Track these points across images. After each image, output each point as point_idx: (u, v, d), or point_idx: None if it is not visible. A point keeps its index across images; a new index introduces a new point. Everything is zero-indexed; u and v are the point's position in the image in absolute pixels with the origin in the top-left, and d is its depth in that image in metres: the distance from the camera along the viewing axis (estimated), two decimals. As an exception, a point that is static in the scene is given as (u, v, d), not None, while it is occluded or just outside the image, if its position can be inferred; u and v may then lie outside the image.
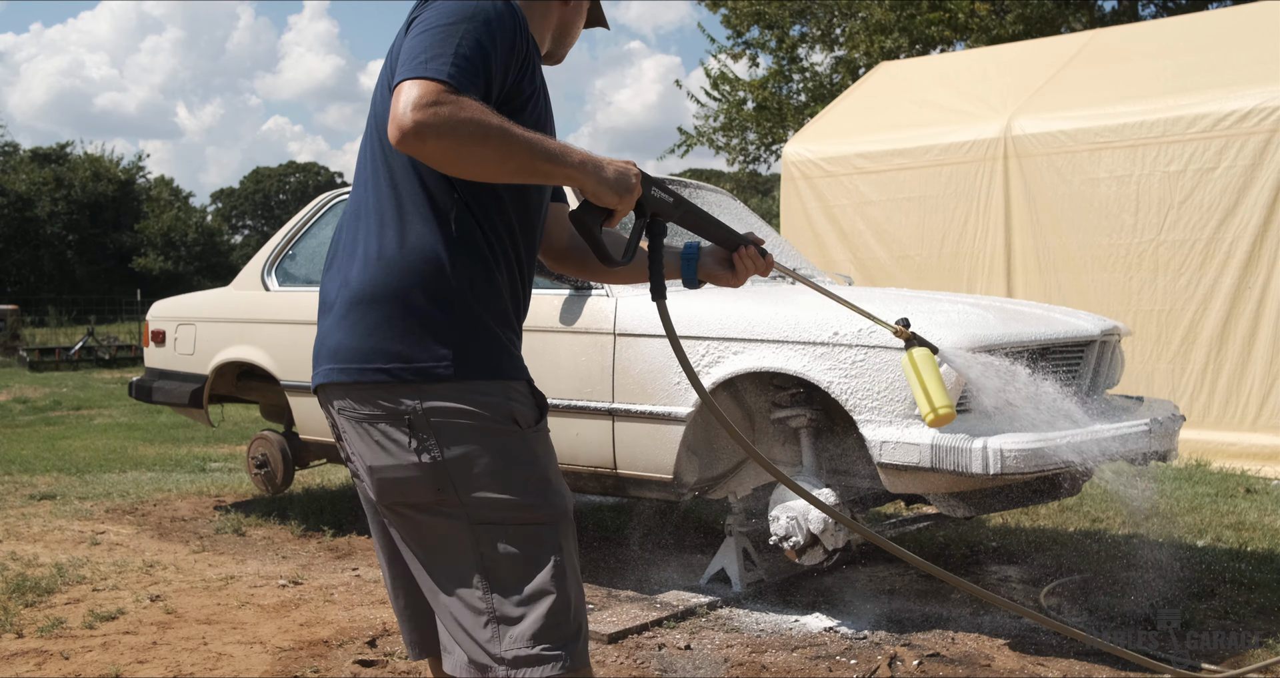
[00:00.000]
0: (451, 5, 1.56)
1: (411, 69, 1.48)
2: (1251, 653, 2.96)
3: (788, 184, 7.96)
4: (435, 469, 1.54)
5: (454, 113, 1.46)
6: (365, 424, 1.58)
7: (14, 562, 4.06)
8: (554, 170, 1.58)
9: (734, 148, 16.88)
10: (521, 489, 1.58)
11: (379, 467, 1.57)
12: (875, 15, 14.42)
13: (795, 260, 4.35)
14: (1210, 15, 8.96)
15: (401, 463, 1.55)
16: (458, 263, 1.59)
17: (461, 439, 1.55)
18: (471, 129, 1.47)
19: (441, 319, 1.57)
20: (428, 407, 1.54)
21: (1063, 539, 4.27)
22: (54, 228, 39.62)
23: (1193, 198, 6.16)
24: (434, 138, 1.46)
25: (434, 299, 1.57)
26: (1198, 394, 6.16)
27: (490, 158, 1.51)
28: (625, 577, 3.86)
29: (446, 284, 1.58)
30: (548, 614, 1.54)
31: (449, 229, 1.60)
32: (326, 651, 3.07)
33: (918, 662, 2.93)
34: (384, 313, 1.57)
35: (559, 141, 1.61)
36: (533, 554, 1.57)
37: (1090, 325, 3.40)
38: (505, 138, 1.50)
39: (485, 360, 1.59)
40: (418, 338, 1.56)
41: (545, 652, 1.54)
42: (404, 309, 1.56)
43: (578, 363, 3.54)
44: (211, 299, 5.08)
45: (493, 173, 1.53)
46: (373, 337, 1.57)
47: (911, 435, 2.92)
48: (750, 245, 1.89)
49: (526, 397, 1.63)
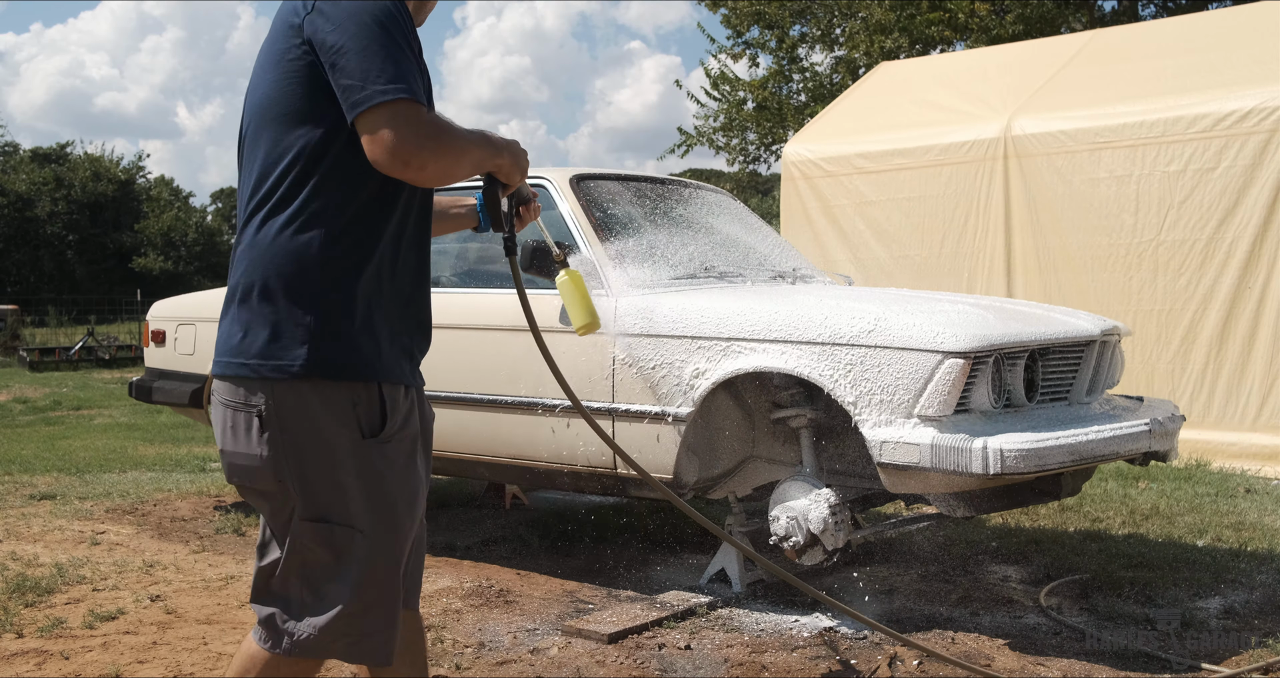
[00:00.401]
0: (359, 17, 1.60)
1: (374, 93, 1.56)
2: (1251, 653, 2.96)
3: (788, 184, 7.97)
4: (275, 461, 1.65)
5: (437, 131, 1.58)
6: (226, 409, 1.70)
7: (14, 562, 4.06)
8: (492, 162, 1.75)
9: (734, 148, 16.88)
10: (347, 496, 1.66)
11: (229, 451, 1.70)
12: (875, 15, 14.42)
13: (795, 260, 4.35)
14: (1210, 15, 8.96)
15: (248, 452, 1.66)
16: (328, 261, 1.65)
17: (301, 437, 1.64)
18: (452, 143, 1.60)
19: (304, 318, 1.64)
20: (276, 402, 1.64)
21: (1063, 539, 4.27)
22: (54, 228, 39.60)
23: (1193, 198, 6.16)
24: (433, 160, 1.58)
25: (299, 297, 1.64)
26: (1198, 394, 6.16)
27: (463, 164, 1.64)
28: (625, 577, 3.86)
29: (313, 283, 1.64)
30: (338, 617, 1.67)
31: (324, 225, 1.65)
32: (326, 651, 3.07)
33: (918, 662, 2.93)
34: (249, 308, 1.66)
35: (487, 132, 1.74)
36: (343, 559, 1.67)
37: (1090, 325, 3.40)
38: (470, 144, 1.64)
39: (339, 363, 1.65)
40: (272, 332, 1.64)
41: (328, 643, 1.68)
42: (269, 306, 1.65)
43: (578, 363, 3.54)
44: (211, 299, 5.08)
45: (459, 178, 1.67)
46: (238, 331, 1.67)
47: (911, 435, 2.92)
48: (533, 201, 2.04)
49: (373, 401, 1.68)
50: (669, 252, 3.81)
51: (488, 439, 3.82)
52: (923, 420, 2.94)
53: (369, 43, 1.59)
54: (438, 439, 4.04)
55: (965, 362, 2.91)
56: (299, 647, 1.69)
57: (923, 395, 2.93)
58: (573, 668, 2.92)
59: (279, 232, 1.65)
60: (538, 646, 3.11)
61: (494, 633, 3.23)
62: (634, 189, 4.15)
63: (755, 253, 4.20)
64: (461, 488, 5.45)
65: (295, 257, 1.64)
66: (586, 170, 4.08)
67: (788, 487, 3.27)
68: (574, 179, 3.95)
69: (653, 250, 3.78)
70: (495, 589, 3.70)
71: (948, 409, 2.93)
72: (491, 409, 3.75)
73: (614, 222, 3.86)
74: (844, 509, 3.18)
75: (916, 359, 2.95)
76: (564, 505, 5.17)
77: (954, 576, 3.84)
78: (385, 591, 1.70)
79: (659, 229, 3.95)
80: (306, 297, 1.64)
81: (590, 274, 3.64)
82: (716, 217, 4.32)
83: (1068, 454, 2.88)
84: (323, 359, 1.64)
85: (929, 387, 2.93)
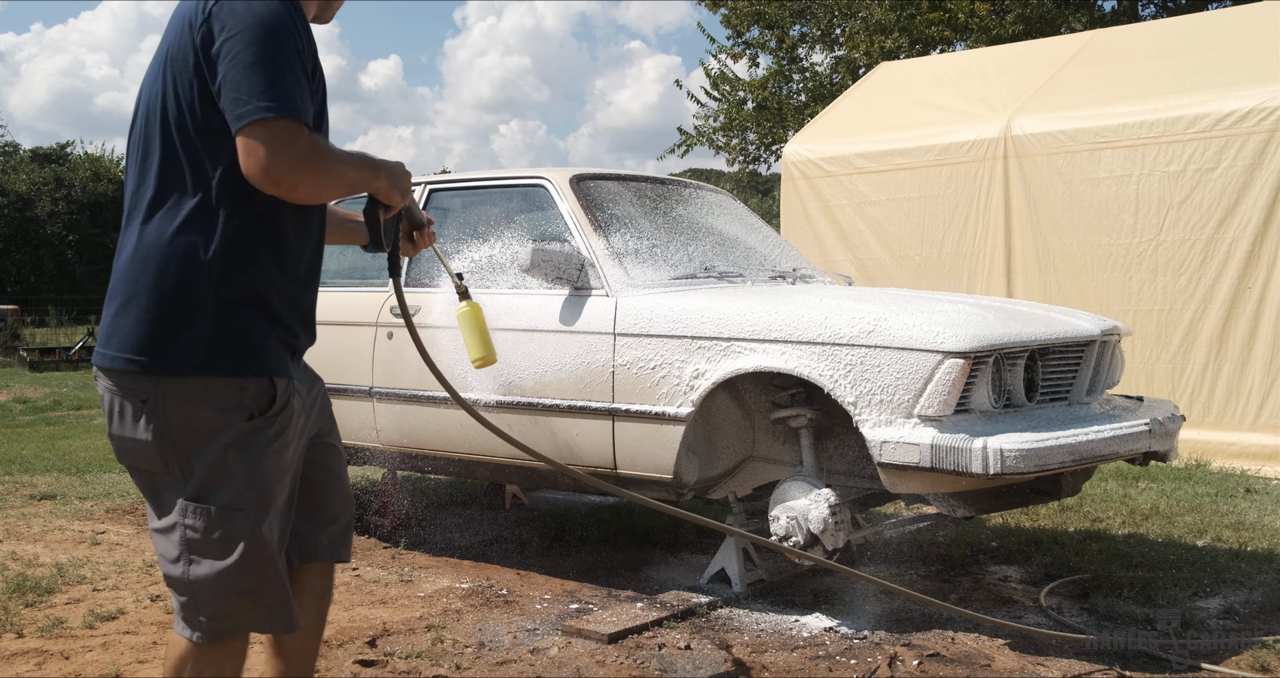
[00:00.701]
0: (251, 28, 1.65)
1: (257, 108, 1.61)
2: (1251, 653, 2.96)
3: (788, 184, 7.96)
4: (160, 445, 1.74)
5: (311, 153, 1.64)
6: (114, 396, 1.78)
7: (14, 562, 4.06)
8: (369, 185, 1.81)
9: (734, 148, 16.88)
10: (232, 477, 1.75)
11: (116, 435, 1.79)
12: (875, 15, 14.41)
13: (795, 260, 4.35)
14: (1210, 15, 8.95)
15: (135, 436, 1.76)
16: (216, 263, 1.72)
17: (186, 424, 1.74)
18: (326, 165, 1.67)
19: (191, 314, 1.72)
20: (162, 392, 1.73)
21: (1063, 539, 4.27)
22: (54, 228, 39.58)
23: (1192, 198, 6.16)
24: (305, 180, 1.65)
25: (185, 294, 1.71)
26: (1198, 394, 6.15)
27: (336, 186, 1.71)
28: (625, 577, 3.86)
29: (201, 283, 1.72)
30: (227, 593, 1.76)
31: (213, 227, 1.72)
32: (326, 650, 3.07)
33: (918, 662, 2.93)
34: (137, 304, 1.73)
35: (367, 156, 1.82)
36: (228, 536, 1.76)
37: (1090, 325, 3.40)
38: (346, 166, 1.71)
39: (222, 356, 1.74)
40: (164, 331, 1.72)
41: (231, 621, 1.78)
42: (155, 302, 1.72)
43: (578, 363, 3.54)
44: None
45: (331, 198, 1.74)
46: (124, 326, 1.74)
47: (911, 435, 2.92)
48: (427, 227, 2.17)
49: (263, 392, 1.78)
50: (669, 252, 3.81)
51: (488, 439, 3.82)
52: (923, 420, 2.94)
53: (258, 57, 1.63)
54: (439, 439, 4.07)
55: (965, 362, 2.91)
56: (208, 632, 1.78)
57: (923, 395, 2.93)
58: (573, 668, 2.92)
59: (168, 232, 1.72)
60: (538, 646, 3.11)
61: (494, 633, 3.23)
62: (634, 189, 4.15)
63: (755, 253, 4.20)
64: (463, 488, 5.45)
65: (184, 257, 1.71)
66: (586, 170, 4.08)
67: (788, 487, 3.27)
68: (574, 179, 3.95)
69: (653, 250, 3.78)
70: (495, 589, 3.70)
71: (948, 409, 2.93)
72: (494, 410, 3.75)
73: (614, 222, 3.86)
74: (844, 509, 3.18)
75: (916, 359, 2.95)
76: (564, 506, 5.17)
77: (954, 576, 3.84)
78: (269, 564, 1.80)
79: (659, 229, 3.95)
80: (194, 296, 1.72)
81: (590, 274, 3.64)
82: (716, 217, 4.32)
83: (1068, 454, 2.89)
84: (208, 357, 1.73)
85: (929, 387, 2.93)
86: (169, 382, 1.73)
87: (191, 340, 1.72)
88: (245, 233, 1.74)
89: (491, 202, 4.32)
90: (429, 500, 5.16)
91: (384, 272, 4.33)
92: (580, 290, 3.64)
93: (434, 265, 4.16)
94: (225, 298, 1.73)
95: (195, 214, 1.72)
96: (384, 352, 4.10)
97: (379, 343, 4.12)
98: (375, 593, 3.67)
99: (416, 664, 2.95)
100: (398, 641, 3.16)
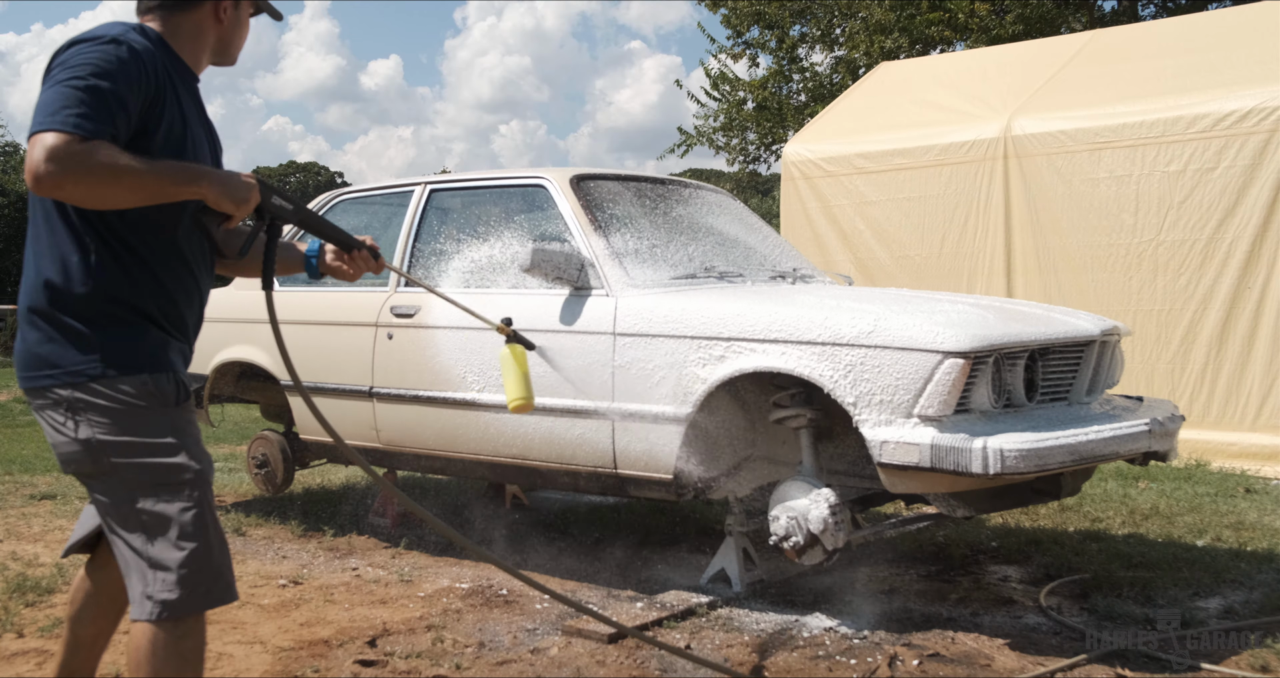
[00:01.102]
0: (79, 60, 1.85)
1: (43, 122, 1.77)
2: (1251, 653, 2.97)
3: (788, 184, 7.96)
4: (89, 447, 1.92)
5: (84, 160, 1.75)
6: (44, 413, 1.96)
7: (14, 562, 4.06)
8: (181, 191, 1.90)
9: (734, 148, 16.87)
10: (164, 457, 1.94)
11: (54, 444, 1.97)
12: (875, 15, 14.41)
13: (795, 260, 4.35)
14: (1210, 15, 8.95)
15: (68, 441, 1.93)
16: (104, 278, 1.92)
17: (108, 422, 1.92)
18: (102, 172, 1.77)
19: (86, 330, 1.92)
20: (79, 399, 1.92)
21: (1063, 539, 4.27)
22: (54, 228, 39.56)
23: (1192, 198, 6.16)
24: (71, 184, 1.77)
25: (75, 309, 1.92)
26: (1198, 394, 6.16)
27: (123, 192, 1.82)
28: (625, 577, 3.86)
29: (94, 297, 1.92)
30: (189, 560, 1.91)
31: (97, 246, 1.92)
32: (327, 651, 3.07)
33: (918, 662, 2.93)
34: (43, 327, 1.94)
35: (184, 165, 1.94)
36: (176, 510, 1.92)
37: (1090, 325, 3.40)
38: (134, 173, 1.81)
39: (125, 357, 1.94)
40: (66, 345, 1.92)
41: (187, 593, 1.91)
42: (56, 324, 1.93)
43: (578, 363, 3.54)
44: (211, 299, 5.08)
45: (130, 202, 1.86)
46: (39, 348, 1.94)
47: (911, 435, 2.92)
48: (363, 249, 2.31)
49: (169, 384, 1.98)
50: (669, 252, 3.81)
51: (488, 439, 3.82)
52: (923, 420, 2.94)
53: (68, 80, 1.81)
54: (439, 439, 4.07)
55: (965, 362, 2.91)
56: (169, 607, 1.90)
57: (923, 395, 2.93)
58: (573, 668, 2.92)
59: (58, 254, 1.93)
60: (538, 646, 3.11)
61: (494, 633, 3.23)
62: (634, 189, 4.15)
63: (755, 253, 4.20)
64: (462, 488, 5.46)
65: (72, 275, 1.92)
66: (586, 170, 4.08)
67: (788, 487, 3.27)
68: (574, 179, 3.95)
69: (653, 250, 3.78)
70: (495, 589, 3.70)
71: (948, 409, 2.93)
72: (494, 410, 3.75)
73: (614, 222, 3.86)
74: (844, 509, 3.18)
75: (916, 359, 2.95)
76: (564, 505, 5.17)
77: (954, 576, 3.84)
78: (217, 531, 1.98)
79: (659, 229, 3.95)
80: (89, 309, 1.93)
81: (590, 274, 3.63)
82: (716, 217, 4.32)
83: (1068, 454, 2.89)
84: (113, 359, 1.92)
85: (929, 387, 2.93)
86: (85, 387, 1.91)
87: (92, 347, 1.92)
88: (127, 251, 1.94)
89: (491, 202, 4.32)
90: (429, 500, 5.16)
91: (384, 272, 4.33)
92: (580, 290, 3.64)
93: (434, 266, 4.16)
94: (115, 309, 1.94)
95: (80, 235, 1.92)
96: (384, 352, 4.10)
97: (379, 343, 4.12)
98: (375, 593, 3.67)
99: (416, 664, 2.95)
100: (398, 640, 3.16)
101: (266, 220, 2.09)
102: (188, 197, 1.92)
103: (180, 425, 1.99)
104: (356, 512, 4.90)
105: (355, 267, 2.32)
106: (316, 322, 4.39)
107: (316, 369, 4.34)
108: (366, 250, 2.31)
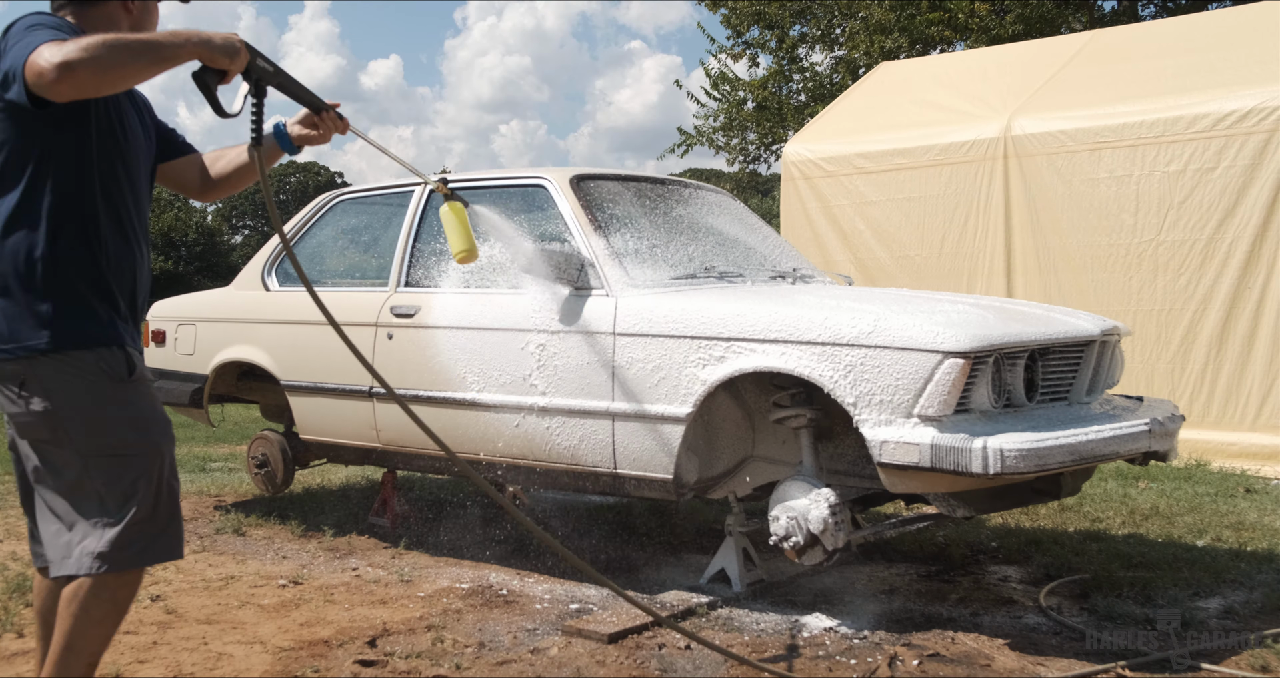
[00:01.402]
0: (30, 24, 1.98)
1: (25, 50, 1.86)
2: (1251, 653, 2.97)
3: (788, 184, 7.97)
4: (45, 416, 2.06)
5: (81, 47, 1.83)
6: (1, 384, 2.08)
7: (14, 562, 4.06)
8: (178, 54, 1.97)
9: (734, 148, 16.86)
10: (114, 428, 2.09)
11: (11, 414, 2.10)
12: (875, 15, 14.40)
13: (795, 260, 4.35)
14: (1210, 15, 8.96)
15: (23, 411, 2.07)
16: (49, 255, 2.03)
17: (62, 393, 2.05)
18: (98, 48, 1.84)
19: (37, 303, 2.03)
20: (34, 372, 2.04)
21: (1063, 539, 4.27)
22: (54, 228, 39.52)
23: (1192, 198, 6.16)
24: (80, 67, 1.82)
25: (27, 286, 2.03)
26: (1198, 394, 6.16)
27: (127, 57, 1.87)
28: (625, 577, 3.86)
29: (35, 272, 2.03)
30: (133, 522, 2.06)
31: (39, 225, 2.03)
32: (327, 650, 3.07)
33: (918, 662, 2.94)
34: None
35: (170, 30, 2.02)
36: (125, 476, 2.07)
37: (1090, 325, 3.40)
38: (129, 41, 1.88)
39: (76, 332, 2.06)
40: (20, 320, 2.04)
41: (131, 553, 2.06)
42: (9, 298, 2.04)
43: (578, 363, 3.54)
44: (212, 299, 5.09)
45: (135, 79, 1.93)
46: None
47: (911, 435, 2.92)
48: (331, 110, 2.42)
49: (119, 359, 2.10)
50: (669, 251, 3.81)
51: (488, 440, 3.82)
52: (923, 420, 2.94)
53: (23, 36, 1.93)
54: (441, 439, 4.05)
55: (965, 362, 2.91)
56: (101, 560, 2.03)
57: (923, 395, 2.93)
58: (573, 668, 2.92)
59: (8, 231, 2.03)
60: (538, 646, 3.11)
61: (494, 633, 3.23)
62: (634, 189, 4.15)
63: (755, 253, 4.20)
64: (462, 488, 5.46)
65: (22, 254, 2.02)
66: (586, 170, 4.08)
67: (788, 487, 3.27)
68: (574, 179, 3.95)
69: (653, 250, 3.78)
70: (495, 589, 3.70)
71: (948, 409, 2.93)
72: (494, 410, 3.75)
73: (614, 222, 3.86)
74: (844, 509, 3.18)
75: (916, 359, 2.95)
76: (564, 506, 5.17)
77: (954, 576, 3.84)
78: (164, 496, 2.12)
79: (659, 229, 3.95)
80: (39, 286, 2.03)
81: (590, 274, 3.63)
82: (716, 217, 4.32)
83: (1068, 454, 2.89)
84: (63, 334, 2.04)
85: (929, 387, 2.93)
86: (39, 362, 2.03)
87: (44, 323, 2.03)
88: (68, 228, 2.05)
89: (492, 202, 4.32)
90: (429, 500, 5.16)
91: (384, 272, 4.33)
92: (580, 290, 3.63)
93: (434, 266, 4.16)
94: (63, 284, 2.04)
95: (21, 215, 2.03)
96: (384, 352, 4.10)
97: (379, 343, 4.12)
98: (375, 593, 3.67)
99: (416, 664, 2.95)
100: (398, 640, 3.16)
101: (253, 79, 2.21)
102: (187, 57, 1.99)
103: (130, 398, 2.11)
104: (356, 512, 4.90)
105: (325, 128, 2.42)
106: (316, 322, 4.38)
107: (316, 369, 4.34)
108: (334, 112, 2.42)
